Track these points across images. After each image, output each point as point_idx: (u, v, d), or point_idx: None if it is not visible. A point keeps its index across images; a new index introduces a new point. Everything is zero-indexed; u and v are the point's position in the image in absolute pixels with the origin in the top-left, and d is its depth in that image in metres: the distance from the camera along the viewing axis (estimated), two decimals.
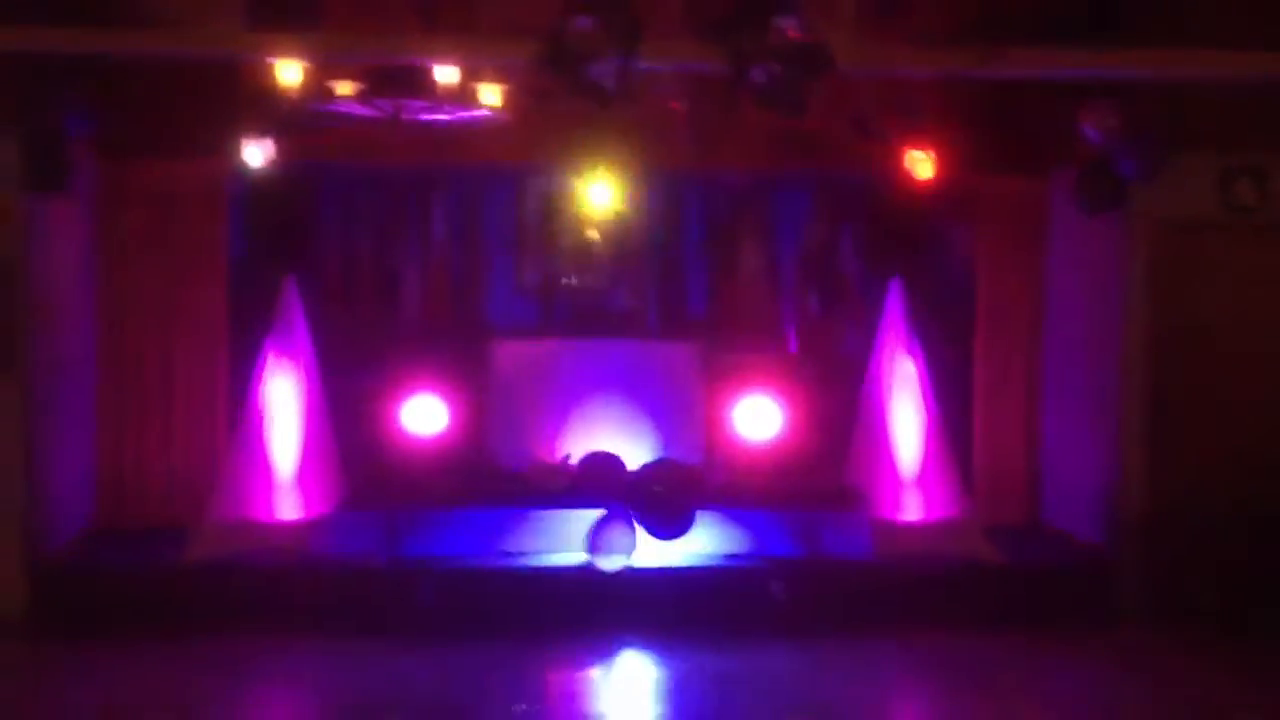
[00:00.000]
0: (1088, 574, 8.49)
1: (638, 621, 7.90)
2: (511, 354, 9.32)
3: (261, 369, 8.52)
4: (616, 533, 8.07)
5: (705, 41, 6.06)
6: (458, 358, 9.32)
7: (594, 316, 9.84)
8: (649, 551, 8.17)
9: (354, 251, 9.70)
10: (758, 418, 9.00)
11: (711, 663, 7.40)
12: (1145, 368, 8.38)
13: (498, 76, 7.89)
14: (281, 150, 8.29)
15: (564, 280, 10.13)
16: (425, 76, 7.31)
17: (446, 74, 7.35)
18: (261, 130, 8.15)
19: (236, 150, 8.18)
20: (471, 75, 7.68)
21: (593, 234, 9.92)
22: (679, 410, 9.21)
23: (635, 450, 8.76)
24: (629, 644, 7.73)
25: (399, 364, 9.14)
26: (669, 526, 8.12)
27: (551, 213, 9.99)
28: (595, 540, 8.04)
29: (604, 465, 8.43)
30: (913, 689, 7.42)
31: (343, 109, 7.58)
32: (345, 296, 9.61)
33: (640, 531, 8.10)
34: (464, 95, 7.57)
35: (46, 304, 8.16)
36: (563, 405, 9.18)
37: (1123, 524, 8.43)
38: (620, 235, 10.09)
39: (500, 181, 9.92)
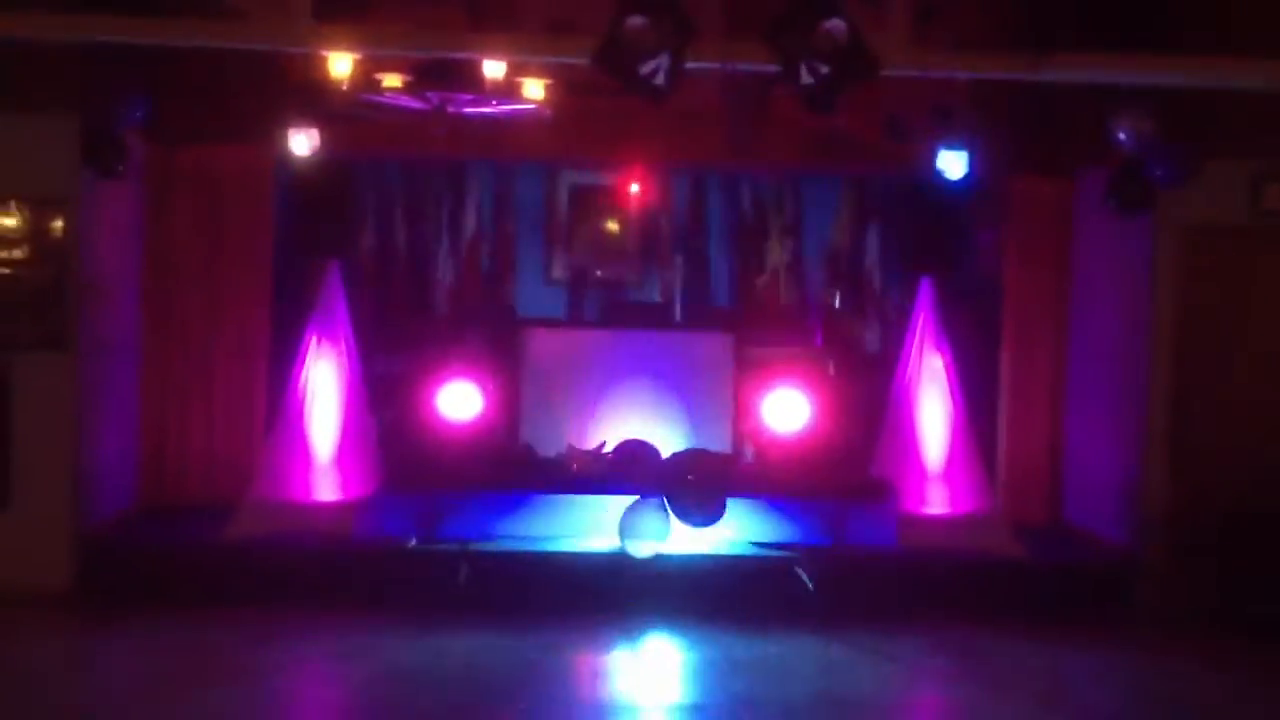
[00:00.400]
0: (1110, 572, 8.60)
1: (667, 607, 8.05)
2: (544, 342, 9.50)
3: (304, 353, 8.69)
4: (649, 519, 8.23)
5: (755, 41, 6.20)
6: (491, 346, 9.51)
7: (622, 308, 10.00)
8: (680, 538, 8.33)
9: (392, 240, 9.92)
10: (787, 409, 9.13)
11: (737, 648, 7.54)
12: (1169, 369, 8.48)
13: (540, 71, 8.07)
14: (326, 139, 8.47)
15: (593, 272, 10.33)
16: (473, 70, 7.47)
17: (494, 68, 7.52)
18: (308, 119, 8.33)
19: (283, 138, 8.35)
20: (516, 70, 7.86)
21: (614, 226, 10.11)
22: (709, 400, 9.37)
23: (666, 439, 8.93)
24: (657, 628, 7.88)
25: (434, 351, 9.34)
26: (700, 514, 8.28)
27: (582, 205, 10.19)
28: (628, 526, 8.21)
29: (638, 453, 8.59)
30: (935, 679, 7.52)
31: (391, 100, 7.74)
32: (383, 284, 9.83)
33: (672, 519, 8.26)
34: (509, 89, 7.73)
35: (97, 286, 8.35)
36: (595, 393, 9.35)
37: (1145, 523, 8.54)
38: (650, 228, 10.29)
39: (534, 173, 10.13)
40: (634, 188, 9.92)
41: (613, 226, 10.34)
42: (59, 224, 8.00)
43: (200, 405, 9.38)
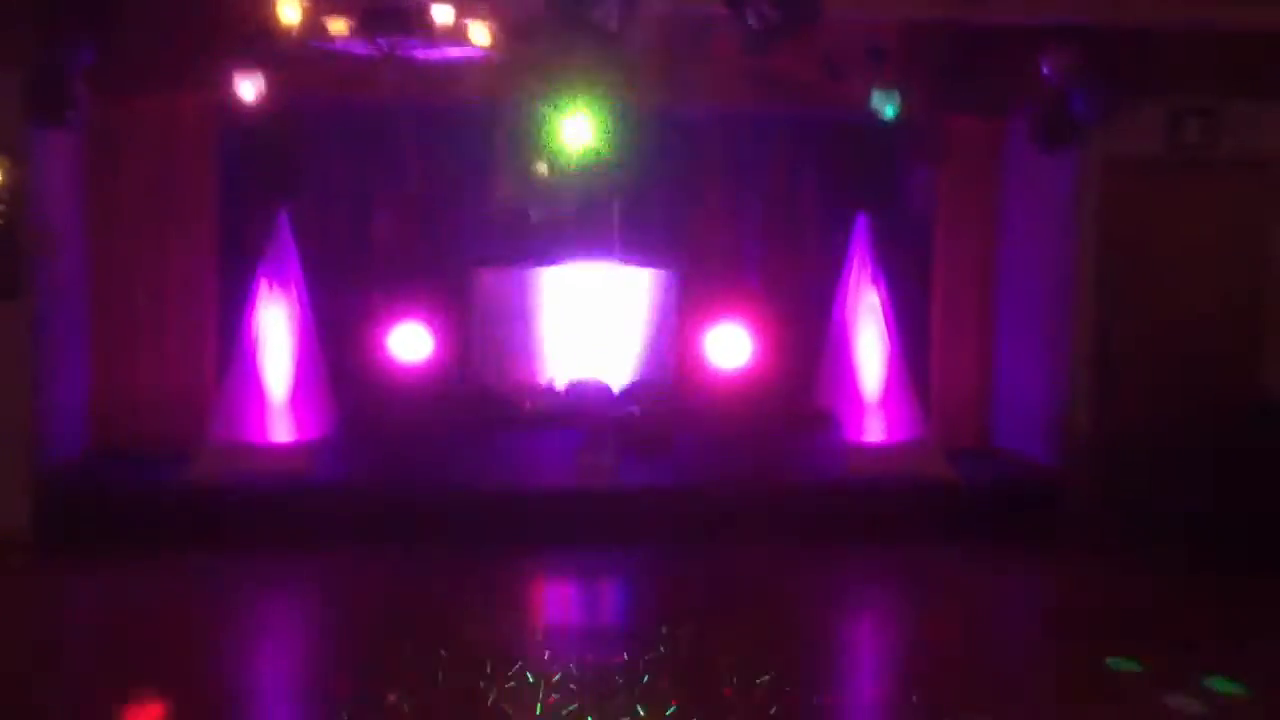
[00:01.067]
0: (1037, 492, 9.02)
1: (621, 535, 8.36)
2: (489, 281, 9.70)
3: (254, 297, 8.80)
4: (600, 453, 8.50)
5: None
6: (439, 286, 9.69)
7: (562, 245, 10.16)
8: (630, 470, 8.61)
9: (339, 184, 9.99)
10: (729, 345, 9.42)
11: (690, 569, 7.91)
12: (1094, 298, 8.89)
13: (486, 14, 8.16)
14: (271, 85, 8.54)
15: (530, 212, 10.46)
16: (422, 15, 7.56)
17: (442, 13, 7.62)
18: (254, 65, 8.39)
19: (229, 85, 8.41)
20: (463, 13, 7.95)
21: (543, 167, 10.23)
22: (653, 334, 9.63)
23: (612, 373, 9.18)
24: (614, 555, 8.20)
25: (383, 293, 9.49)
26: (649, 446, 8.56)
27: (518, 146, 10.30)
28: (580, 459, 8.47)
29: (588, 390, 8.83)
30: (874, 591, 7.96)
31: (339, 46, 7.80)
32: (331, 228, 9.91)
33: (622, 451, 8.54)
34: (457, 33, 7.83)
35: (46, 232, 8.41)
36: (540, 329, 9.59)
37: (1070, 445, 8.97)
38: (589, 168, 10.43)
39: (476, 115, 10.20)
40: (576, 127, 10.03)
41: (544, 165, 10.42)
42: (8, 174, 8.04)
43: (150, 350, 9.42)
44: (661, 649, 6.37)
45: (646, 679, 5.96)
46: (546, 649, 6.42)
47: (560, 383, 9.04)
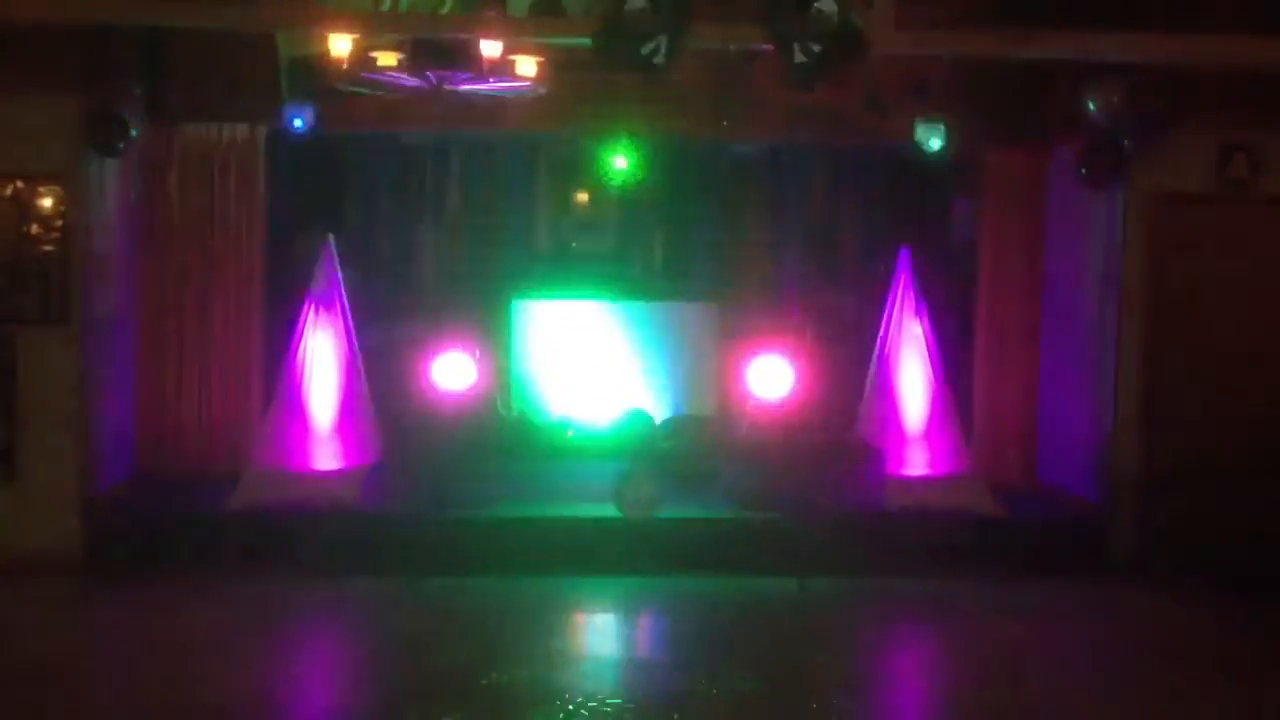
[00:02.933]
0: (1082, 528, 8.96)
1: (661, 566, 8.38)
2: (533, 312, 9.76)
3: (302, 325, 8.87)
4: (643, 485, 8.50)
5: (748, 22, 6.44)
6: (483, 316, 9.75)
7: (605, 278, 10.21)
8: (673, 502, 8.61)
9: (385, 213, 10.07)
10: (771, 377, 9.39)
11: (731, 601, 7.90)
12: (1139, 333, 8.83)
13: (530, 49, 8.24)
14: (320, 116, 8.66)
15: (573, 244, 10.53)
16: (470, 49, 7.65)
17: (490, 47, 7.70)
18: (304, 96, 8.51)
19: (278, 115, 8.52)
20: (510, 48, 8.03)
21: (593, 199, 10.29)
22: (696, 368, 9.65)
23: (655, 406, 9.20)
24: (651, 587, 8.23)
25: (427, 323, 9.55)
26: (692, 479, 8.56)
27: (563, 178, 10.37)
28: (623, 492, 8.47)
29: (633, 421, 8.85)
30: (916, 625, 7.92)
31: (389, 79, 7.90)
32: (376, 257, 9.99)
33: (665, 484, 8.53)
34: (504, 67, 7.91)
35: (98, 260, 8.53)
36: (584, 361, 9.63)
37: (1115, 481, 8.90)
38: (632, 201, 10.48)
39: (520, 148, 10.29)
40: (619, 161, 10.09)
41: (592, 199, 10.49)
42: (62, 201, 8.18)
43: (197, 378, 9.54)
44: (706, 684, 6.36)
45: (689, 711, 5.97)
46: (588, 679, 6.43)
47: (603, 414, 9.05)
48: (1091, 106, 8.39)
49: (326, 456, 8.87)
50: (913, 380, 9.28)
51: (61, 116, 8.04)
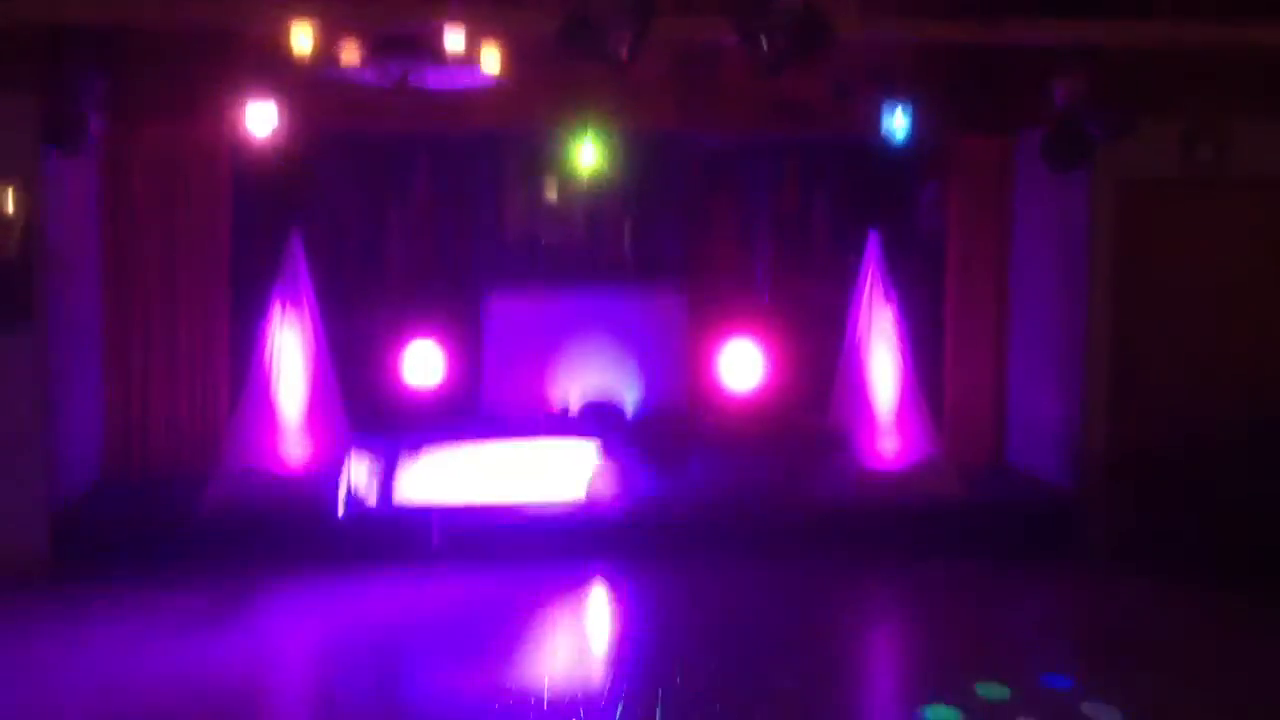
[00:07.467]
0: (1051, 511, 9.02)
1: (630, 552, 8.40)
2: (501, 304, 9.72)
3: (269, 322, 8.81)
4: (612, 472, 8.50)
5: (713, 14, 6.41)
6: (452, 309, 9.71)
7: (574, 269, 10.18)
8: (642, 489, 8.62)
9: (351, 208, 9.99)
10: (741, 364, 9.42)
11: (698, 586, 7.95)
12: (1107, 316, 8.87)
13: (498, 40, 8.19)
14: (283, 113, 8.57)
15: (541, 237, 10.50)
16: (434, 41, 7.60)
17: (454, 39, 7.65)
18: (266, 93, 8.42)
19: (241, 112, 8.44)
20: (473, 39, 7.97)
21: (552, 193, 10.25)
22: (666, 358, 9.64)
23: (624, 395, 9.19)
24: (622, 571, 8.25)
25: (396, 317, 9.51)
26: (661, 465, 8.56)
27: (530, 171, 10.33)
28: (593, 479, 8.47)
29: (602, 410, 8.84)
30: (886, 609, 7.99)
31: (351, 75, 7.84)
32: (343, 252, 9.92)
33: (634, 470, 8.53)
34: (468, 60, 7.86)
35: (60, 260, 8.44)
36: (554, 353, 9.61)
37: (1084, 464, 8.96)
38: (601, 192, 10.46)
39: (486, 141, 10.24)
40: (588, 153, 10.05)
41: (555, 191, 10.45)
42: (22, 202, 8.06)
43: (164, 375, 9.44)
44: (675, 670, 6.38)
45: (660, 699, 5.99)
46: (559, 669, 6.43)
47: (574, 404, 9.04)
48: (1057, 91, 8.39)
49: (296, 452, 8.83)
50: (882, 365, 9.33)
51: (20, 116, 7.91)
